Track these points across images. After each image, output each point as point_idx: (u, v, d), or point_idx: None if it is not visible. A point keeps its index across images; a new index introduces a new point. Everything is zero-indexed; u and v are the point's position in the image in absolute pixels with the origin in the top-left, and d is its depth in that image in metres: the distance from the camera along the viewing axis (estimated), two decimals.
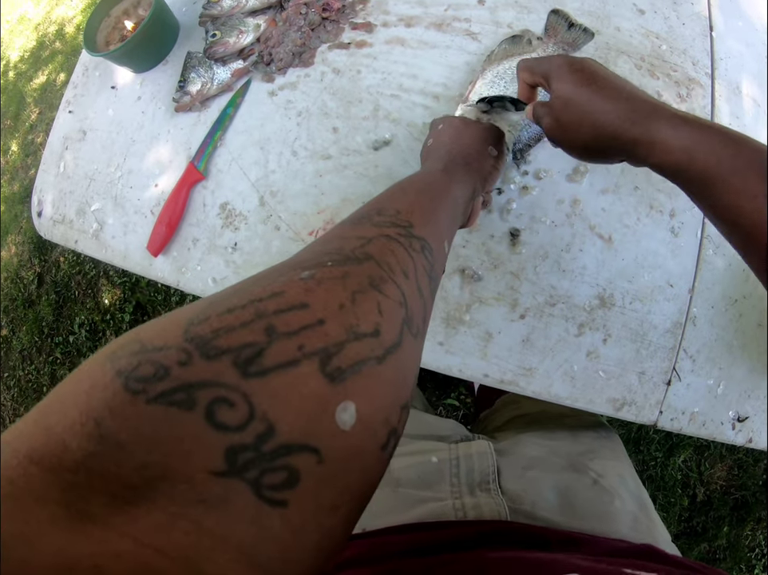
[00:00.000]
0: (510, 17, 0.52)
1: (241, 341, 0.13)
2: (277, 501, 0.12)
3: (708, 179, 0.26)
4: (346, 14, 0.52)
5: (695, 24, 0.57)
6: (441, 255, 0.25)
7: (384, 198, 0.26)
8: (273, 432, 0.13)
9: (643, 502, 0.44)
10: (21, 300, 1.52)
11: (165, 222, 0.52)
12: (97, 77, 0.64)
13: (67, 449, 0.11)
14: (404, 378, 0.17)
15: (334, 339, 0.15)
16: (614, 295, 0.47)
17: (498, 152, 0.36)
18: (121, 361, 0.13)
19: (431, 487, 0.39)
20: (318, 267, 0.17)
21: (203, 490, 0.11)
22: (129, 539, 0.10)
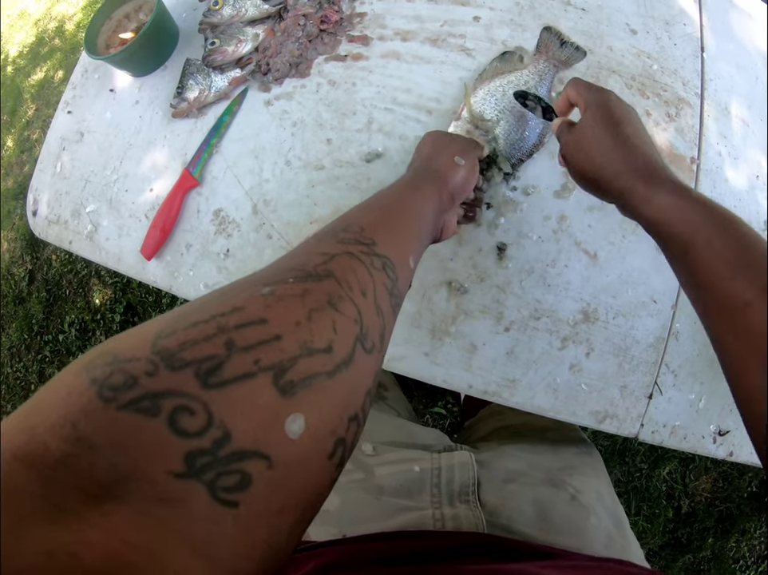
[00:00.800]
0: (505, 35, 0.54)
1: (203, 354, 0.15)
2: (230, 502, 0.14)
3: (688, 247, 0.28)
4: (344, 27, 0.54)
5: (687, 45, 0.59)
6: (404, 271, 0.26)
7: (351, 214, 0.27)
8: (229, 439, 0.14)
9: (619, 520, 0.45)
10: (12, 297, 1.52)
11: (159, 226, 0.53)
12: (96, 79, 0.65)
13: (47, 448, 0.12)
14: (354, 392, 0.19)
15: (288, 355, 0.16)
16: (598, 310, 0.49)
17: (467, 162, 0.37)
18: (96, 370, 0.14)
19: (412, 496, 0.41)
20: (280, 283, 0.19)
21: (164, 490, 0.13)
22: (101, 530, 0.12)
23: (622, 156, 0.32)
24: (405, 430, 0.51)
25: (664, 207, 0.29)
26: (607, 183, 0.33)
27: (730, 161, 0.56)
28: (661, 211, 0.29)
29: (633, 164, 0.31)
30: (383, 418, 0.53)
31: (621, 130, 0.32)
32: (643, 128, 0.34)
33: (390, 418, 0.55)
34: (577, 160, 0.35)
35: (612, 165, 0.32)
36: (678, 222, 0.29)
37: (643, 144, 0.32)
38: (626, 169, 0.31)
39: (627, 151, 0.32)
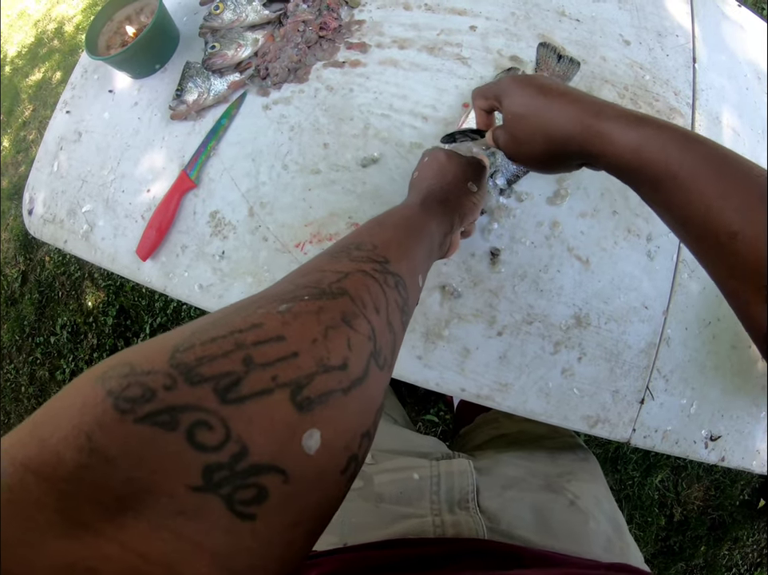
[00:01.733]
0: (500, 44, 0.55)
1: (221, 370, 0.15)
2: (247, 515, 0.14)
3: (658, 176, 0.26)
4: (342, 34, 0.55)
5: (679, 56, 0.61)
6: (414, 290, 0.27)
7: (363, 232, 0.28)
8: (246, 453, 0.14)
9: (618, 524, 0.46)
10: (4, 298, 1.52)
11: (155, 227, 0.54)
12: (96, 79, 0.66)
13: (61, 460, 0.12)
14: (367, 409, 0.19)
15: (305, 371, 0.17)
16: (590, 315, 0.50)
17: (478, 188, 0.38)
18: (112, 381, 0.14)
19: (412, 504, 0.41)
20: (296, 300, 0.19)
21: (182, 503, 0.13)
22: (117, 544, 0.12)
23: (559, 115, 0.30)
24: (402, 437, 0.52)
25: (625, 142, 0.27)
26: (560, 151, 0.31)
27: None
28: (623, 147, 0.27)
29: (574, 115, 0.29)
30: (381, 426, 0.54)
31: (545, 89, 0.31)
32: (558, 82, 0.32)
33: (387, 426, 0.55)
34: (523, 150, 0.33)
35: (555, 133, 0.30)
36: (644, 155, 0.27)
37: (570, 92, 0.31)
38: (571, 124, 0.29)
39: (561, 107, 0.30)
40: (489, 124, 0.38)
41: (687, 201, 0.25)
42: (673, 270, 0.53)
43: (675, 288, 0.53)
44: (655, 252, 0.53)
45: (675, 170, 0.26)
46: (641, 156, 0.27)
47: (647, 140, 0.26)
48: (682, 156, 0.25)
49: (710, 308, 0.55)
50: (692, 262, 0.54)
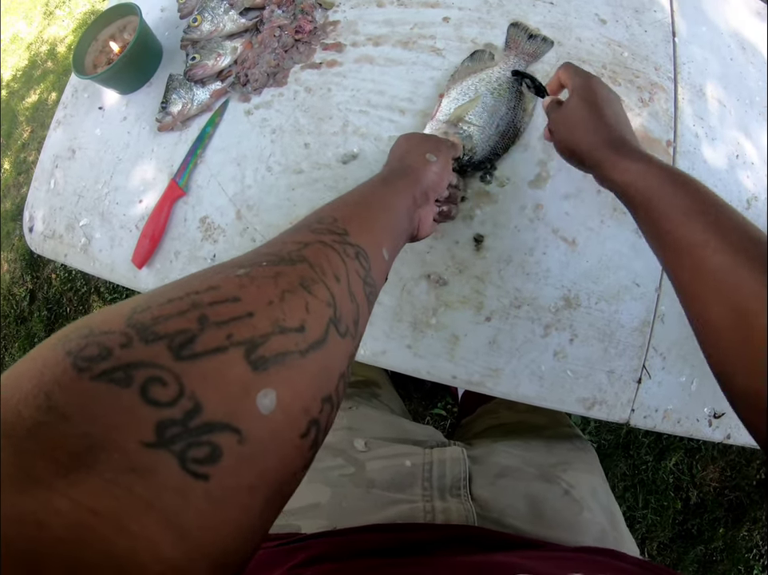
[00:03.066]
0: (474, 33, 0.57)
1: (176, 328, 0.16)
2: (200, 474, 0.14)
3: (650, 203, 0.33)
4: (318, 36, 0.57)
5: (658, 31, 0.62)
6: (378, 261, 0.28)
7: (325, 207, 0.29)
8: (200, 410, 0.14)
9: (613, 516, 0.46)
10: (14, 317, 1.59)
11: (149, 236, 0.57)
12: (86, 98, 0.70)
13: (20, 417, 0.13)
14: (327, 373, 0.20)
15: (260, 331, 0.17)
16: (579, 296, 0.51)
17: (439, 159, 0.40)
18: (71, 343, 0.15)
19: (403, 490, 0.42)
20: (254, 266, 0.20)
21: (134, 459, 0.13)
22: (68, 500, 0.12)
23: (598, 131, 0.38)
24: (397, 426, 0.53)
25: (629, 171, 0.35)
26: (585, 154, 0.39)
27: (707, 142, 0.58)
28: (627, 175, 0.35)
29: (607, 138, 0.37)
30: (376, 415, 0.55)
31: (600, 109, 0.39)
32: (622, 111, 0.41)
33: (383, 415, 0.57)
34: (561, 134, 0.42)
35: (590, 139, 0.38)
36: (641, 183, 0.34)
37: (618, 123, 0.39)
38: (600, 143, 0.37)
39: (603, 127, 0.38)
40: (555, 93, 0.46)
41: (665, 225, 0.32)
42: None
43: None
44: None
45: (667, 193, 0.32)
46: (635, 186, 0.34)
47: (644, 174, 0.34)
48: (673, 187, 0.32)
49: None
50: None
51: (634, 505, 1.03)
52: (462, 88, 0.52)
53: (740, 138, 0.60)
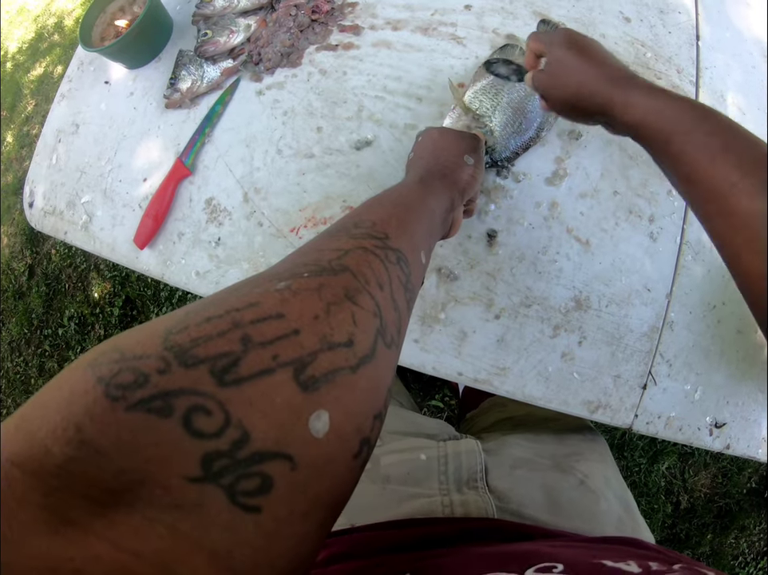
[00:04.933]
0: (496, 23, 0.54)
1: (218, 350, 0.14)
2: (251, 507, 0.13)
3: (670, 140, 0.29)
4: (335, 17, 0.55)
5: (682, 33, 0.59)
6: (417, 267, 0.26)
7: (361, 210, 0.27)
8: (248, 439, 0.13)
9: (628, 505, 0.45)
10: (12, 292, 1.55)
11: (152, 216, 0.54)
12: (92, 71, 0.67)
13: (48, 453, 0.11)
14: (377, 388, 0.18)
15: (308, 349, 0.16)
16: (590, 298, 0.49)
17: (475, 161, 0.38)
18: (102, 368, 0.13)
19: (420, 484, 0.41)
20: (295, 278, 0.18)
21: (179, 496, 0.12)
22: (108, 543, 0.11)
23: (592, 73, 0.34)
24: (409, 419, 0.52)
25: (643, 108, 0.31)
26: (587, 102, 0.35)
27: None
28: (640, 112, 0.31)
29: (605, 77, 0.33)
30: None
31: (586, 52, 0.35)
32: (605, 49, 0.37)
33: (394, 409, 0.55)
34: (555, 93, 0.38)
35: (588, 82, 0.34)
36: (657, 119, 0.30)
37: (609, 58, 0.36)
38: (600, 84, 0.33)
39: (596, 67, 0.34)
40: (534, 67, 0.42)
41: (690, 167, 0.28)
42: (676, 252, 0.52)
43: (679, 271, 0.52)
44: (658, 234, 0.52)
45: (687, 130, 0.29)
46: (657, 119, 0.30)
47: (665, 107, 0.30)
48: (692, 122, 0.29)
49: (715, 292, 0.54)
50: (696, 244, 0.53)
51: None
52: (490, 81, 0.50)
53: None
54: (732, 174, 0.26)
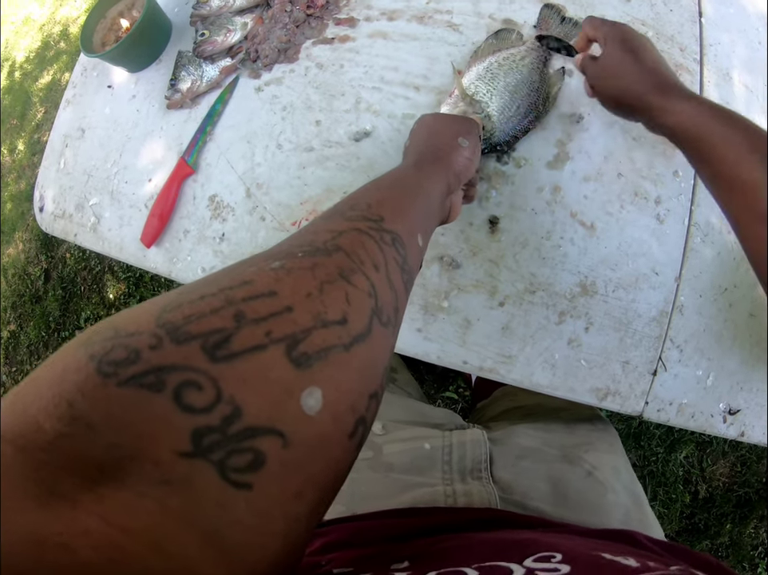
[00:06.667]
0: (492, 8, 0.54)
1: (210, 327, 0.14)
2: (242, 484, 0.13)
3: (705, 144, 0.34)
4: (330, 10, 0.55)
5: (684, 10, 0.58)
6: (414, 249, 0.26)
7: (356, 194, 0.27)
8: (239, 414, 0.13)
9: (637, 496, 0.45)
10: (29, 296, 1.60)
11: (157, 215, 0.55)
12: (95, 76, 0.68)
13: (40, 429, 0.12)
14: (373, 367, 0.18)
15: (301, 326, 0.16)
16: (596, 283, 0.49)
17: (470, 143, 0.38)
18: (95, 346, 0.13)
19: (422, 473, 0.41)
20: (288, 257, 0.18)
21: (168, 471, 0.12)
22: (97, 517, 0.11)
23: (644, 76, 0.38)
24: (415, 409, 0.52)
25: (679, 113, 0.35)
26: (635, 101, 0.39)
27: None
28: (677, 116, 0.36)
29: (654, 81, 0.38)
30: (393, 399, 0.54)
31: (639, 56, 0.39)
32: (656, 51, 0.41)
33: (400, 399, 0.55)
34: (606, 86, 0.42)
35: (636, 86, 0.38)
36: (691, 123, 0.35)
37: (660, 65, 0.39)
38: (649, 87, 0.38)
39: (647, 71, 0.38)
40: (584, 50, 0.45)
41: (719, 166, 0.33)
42: (685, 234, 0.52)
43: (688, 253, 0.51)
44: (665, 216, 0.51)
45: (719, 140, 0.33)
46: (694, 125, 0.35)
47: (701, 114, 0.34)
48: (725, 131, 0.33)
49: (726, 274, 0.53)
50: (705, 225, 0.52)
51: None
52: (485, 65, 0.50)
53: (765, 124, 0.57)
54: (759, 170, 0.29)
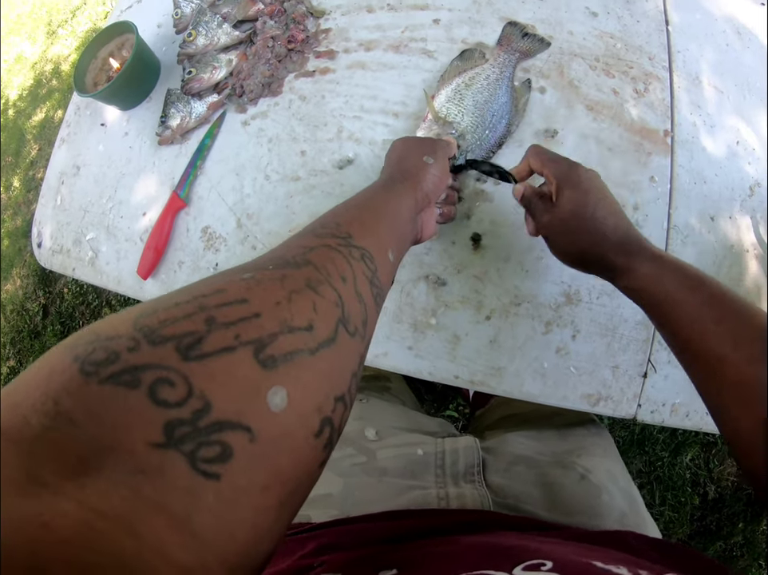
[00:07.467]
0: (464, 33, 0.58)
1: (183, 330, 0.16)
2: (211, 474, 0.14)
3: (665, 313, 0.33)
4: (310, 44, 0.59)
5: (650, 20, 0.62)
6: (384, 263, 0.28)
7: (327, 214, 0.30)
8: (209, 409, 0.15)
9: (633, 499, 0.46)
10: (28, 332, 1.63)
11: (153, 247, 0.59)
12: (88, 115, 0.72)
13: (27, 423, 0.13)
14: (339, 371, 0.20)
15: (268, 331, 0.17)
16: (580, 292, 0.51)
17: (436, 160, 0.40)
18: (78, 348, 0.15)
19: (416, 477, 0.42)
20: (260, 269, 0.21)
21: (142, 460, 0.13)
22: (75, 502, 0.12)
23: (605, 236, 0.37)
24: (409, 417, 0.54)
25: (642, 276, 0.35)
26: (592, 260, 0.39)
27: (706, 130, 0.58)
28: (640, 280, 0.35)
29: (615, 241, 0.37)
30: (387, 406, 0.56)
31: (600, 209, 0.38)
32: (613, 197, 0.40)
33: (394, 407, 0.57)
34: (561, 242, 0.41)
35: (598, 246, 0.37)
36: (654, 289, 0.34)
37: (620, 220, 0.38)
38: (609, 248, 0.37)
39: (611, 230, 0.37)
40: (525, 179, 0.45)
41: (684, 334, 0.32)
42: (665, 237, 0.54)
43: None
44: (644, 221, 0.54)
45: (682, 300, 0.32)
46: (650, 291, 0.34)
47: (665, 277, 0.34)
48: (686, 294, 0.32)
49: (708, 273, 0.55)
50: (685, 227, 0.55)
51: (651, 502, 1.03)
52: (453, 87, 0.53)
53: (739, 124, 0.60)
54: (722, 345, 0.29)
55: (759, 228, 0.59)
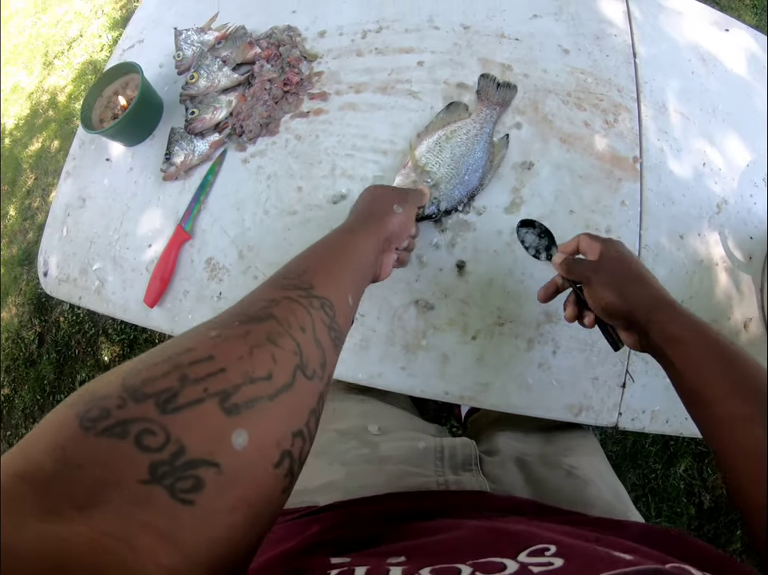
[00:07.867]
0: (446, 74, 0.64)
1: (161, 387, 0.20)
2: (187, 500, 0.18)
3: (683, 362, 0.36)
4: (304, 86, 0.65)
5: (618, 54, 0.68)
6: (343, 308, 0.32)
7: (293, 261, 0.34)
8: (183, 451, 0.18)
9: (620, 495, 0.50)
10: (23, 360, 1.65)
11: (159, 277, 0.63)
12: (93, 150, 0.77)
13: (41, 468, 0.17)
14: (297, 411, 0.24)
15: (232, 383, 0.21)
16: (559, 310, 0.56)
17: (404, 210, 0.45)
18: (78, 407, 0.19)
19: (416, 466, 0.46)
20: (226, 327, 0.24)
21: (134, 493, 0.17)
22: (86, 526, 0.16)
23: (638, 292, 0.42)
24: (408, 418, 0.58)
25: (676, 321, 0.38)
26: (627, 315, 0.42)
27: (673, 154, 0.64)
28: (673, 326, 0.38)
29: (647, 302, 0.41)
30: (387, 409, 0.60)
31: (634, 273, 0.43)
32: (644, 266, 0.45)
33: (393, 410, 0.61)
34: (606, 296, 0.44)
35: (630, 306, 0.41)
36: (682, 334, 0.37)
37: (649, 282, 0.43)
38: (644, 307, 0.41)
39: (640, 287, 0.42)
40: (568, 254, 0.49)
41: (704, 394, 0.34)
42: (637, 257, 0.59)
43: None
44: None
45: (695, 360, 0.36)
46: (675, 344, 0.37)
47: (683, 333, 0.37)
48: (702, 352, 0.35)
49: (680, 288, 0.60)
50: (655, 246, 0.60)
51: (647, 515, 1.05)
52: (435, 139, 0.58)
53: (705, 147, 0.65)
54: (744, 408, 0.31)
55: (728, 242, 0.65)
